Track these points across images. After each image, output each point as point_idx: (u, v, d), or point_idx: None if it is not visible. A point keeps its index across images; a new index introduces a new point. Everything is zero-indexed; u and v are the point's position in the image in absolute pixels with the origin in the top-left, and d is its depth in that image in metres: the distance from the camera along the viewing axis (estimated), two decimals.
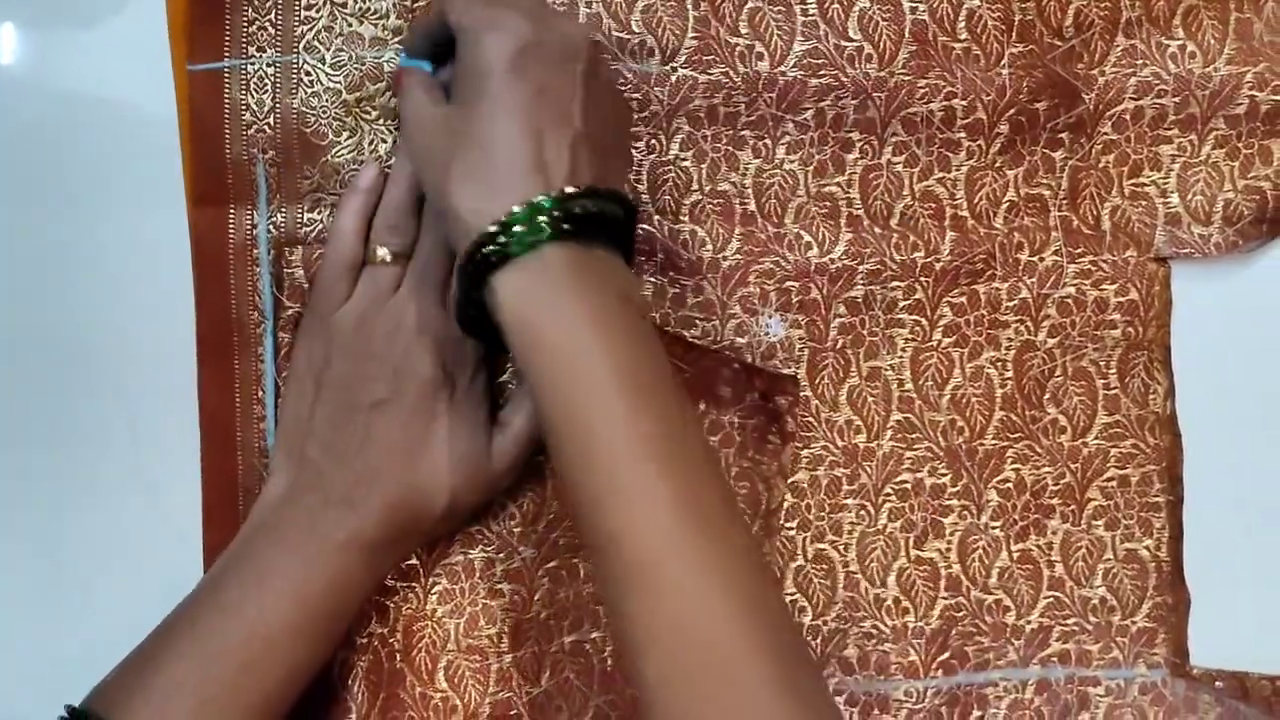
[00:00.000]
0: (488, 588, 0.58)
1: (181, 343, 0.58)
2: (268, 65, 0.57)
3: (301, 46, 0.58)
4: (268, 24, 0.57)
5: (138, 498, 0.59)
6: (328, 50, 0.58)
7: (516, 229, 0.44)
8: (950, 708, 0.61)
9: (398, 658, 0.56)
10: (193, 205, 0.58)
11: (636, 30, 0.58)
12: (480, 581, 0.58)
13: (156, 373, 0.59)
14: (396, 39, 0.58)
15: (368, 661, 0.56)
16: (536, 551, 0.59)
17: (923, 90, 0.59)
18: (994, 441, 0.61)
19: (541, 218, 0.44)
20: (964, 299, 0.60)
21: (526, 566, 0.58)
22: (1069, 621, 0.61)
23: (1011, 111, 0.59)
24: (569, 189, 0.45)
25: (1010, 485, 0.61)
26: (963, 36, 0.59)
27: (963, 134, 0.59)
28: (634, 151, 0.59)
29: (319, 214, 0.58)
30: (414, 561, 0.57)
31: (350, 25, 0.58)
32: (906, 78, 0.59)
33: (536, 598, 0.58)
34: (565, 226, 0.44)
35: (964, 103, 0.59)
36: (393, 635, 0.56)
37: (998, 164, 0.60)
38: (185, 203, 0.58)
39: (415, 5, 0.58)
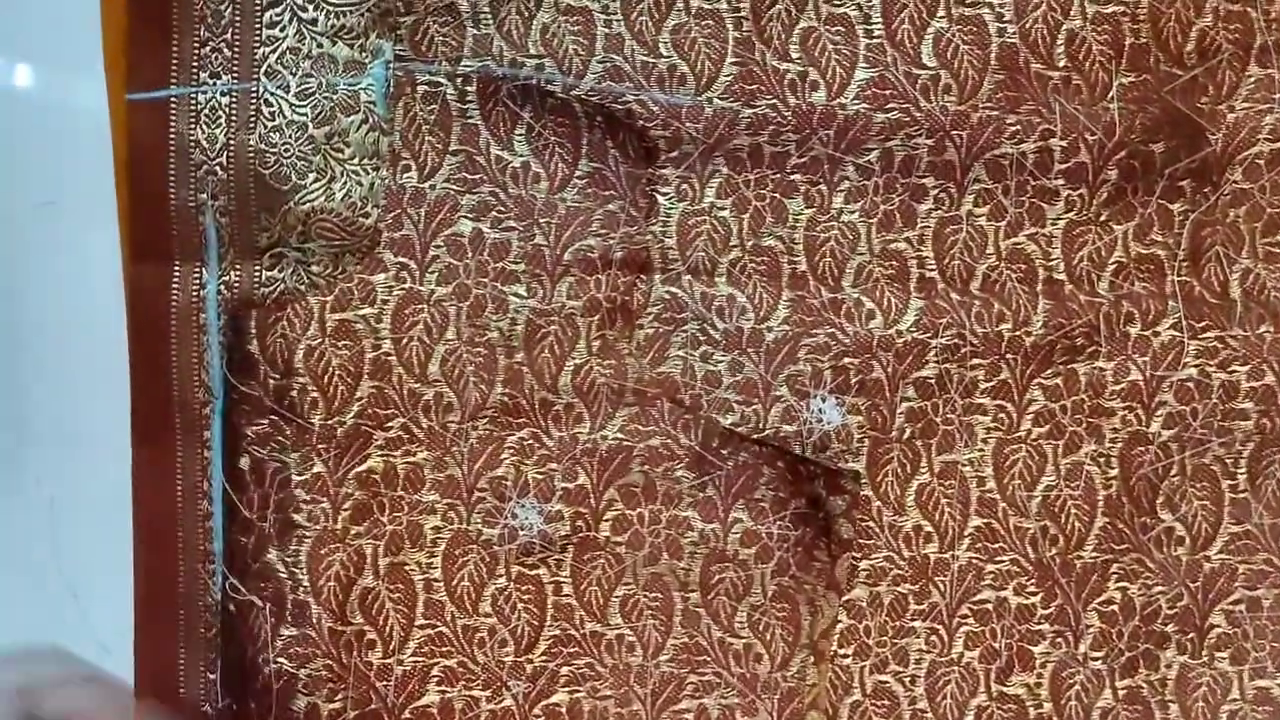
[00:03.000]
0: None
1: (114, 423, 0.51)
2: (221, 94, 0.50)
3: (262, 72, 0.50)
4: (223, 45, 0.50)
5: (57, 602, 0.52)
6: (293, 76, 0.50)
7: None
8: None
9: None
10: (130, 260, 0.51)
11: (665, 53, 0.50)
12: None
13: (82, 456, 0.52)
14: (376, 63, 0.49)
15: None
16: (531, 686, 0.51)
17: (1013, 128, 0.51)
18: (1095, 554, 0.52)
19: None
20: (1059, 381, 0.52)
21: (518, 705, 0.51)
22: None
23: (1121, 154, 0.51)
24: None
25: (1115, 608, 0.52)
26: (1061, 63, 0.51)
27: (1061, 181, 0.51)
28: (662, 199, 0.51)
29: (280, 272, 0.50)
30: (375, 706, 0.48)
31: (321, 46, 0.50)
32: (993, 113, 0.51)
33: None
34: None
35: (1063, 143, 0.51)
36: None
37: (1103, 217, 0.52)
38: (121, 258, 0.51)
39: (400, 21, 0.49)
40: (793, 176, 0.51)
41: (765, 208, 0.51)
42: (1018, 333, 0.52)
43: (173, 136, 0.49)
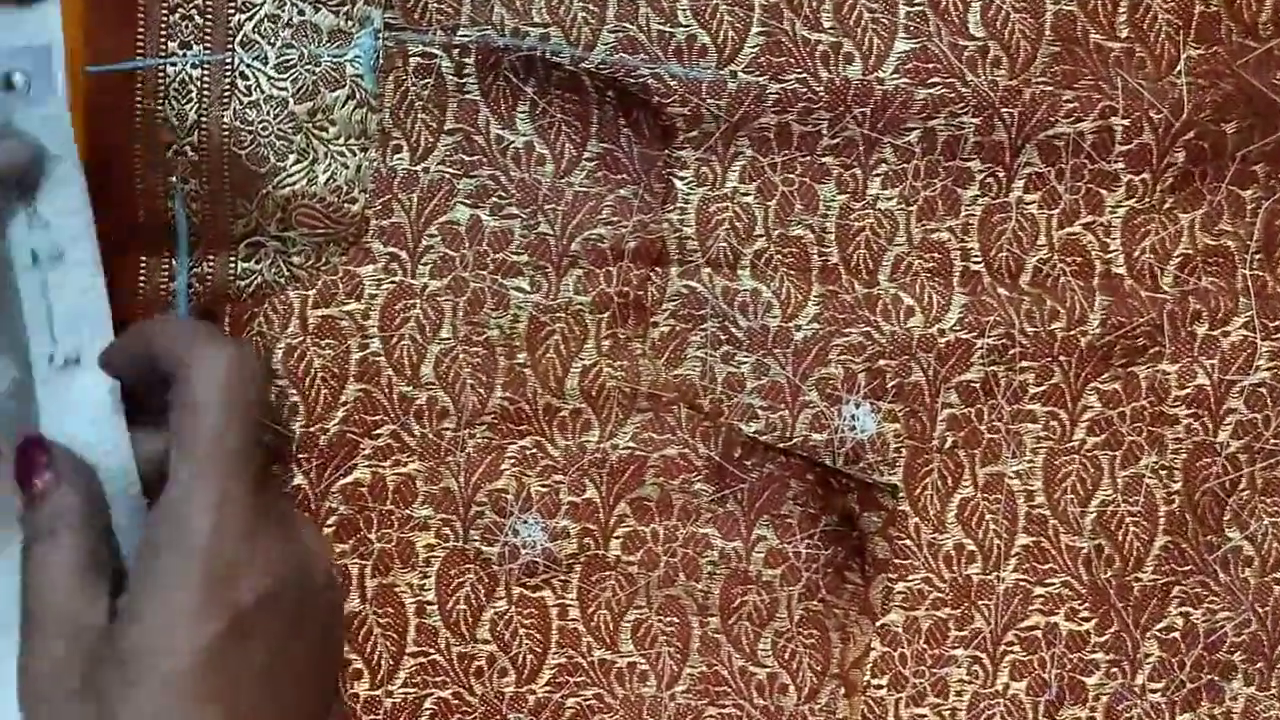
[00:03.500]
0: None
1: None
2: (192, 66, 0.45)
3: (238, 42, 0.45)
4: (194, 11, 0.45)
5: None
6: (272, 46, 0.45)
7: None
8: None
9: None
10: None
11: (684, 21, 0.45)
12: None
13: None
14: (364, 32, 0.45)
15: None
16: (534, 719, 0.46)
17: (1069, 105, 0.46)
18: (1155, 576, 0.48)
19: None
20: (1118, 385, 0.47)
21: None
22: None
23: (1190, 135, 0.46)
24: None
25: (1176, 635, 0.48)
26: (1124, 34, 0.46)
27: (1121, 164, 0.46)
28: (679, 183, 0.46)
29: (257, 264, 0.45)
30: None
31: (302, 13, 0.45)
32: (1047, 88, 0.46)
33: None
34: None
35: (1125, 122, 0.46)
36: None
37: (1168, 205, 0.47)
38: None
39: None
40: (824, 159, 0.46)
41: (794, 193, 0.46)
42: (1072, 332, 0.47)
43: (138, 113, 0.44)
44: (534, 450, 0.46)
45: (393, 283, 0.45)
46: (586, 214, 0.46)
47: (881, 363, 0.46)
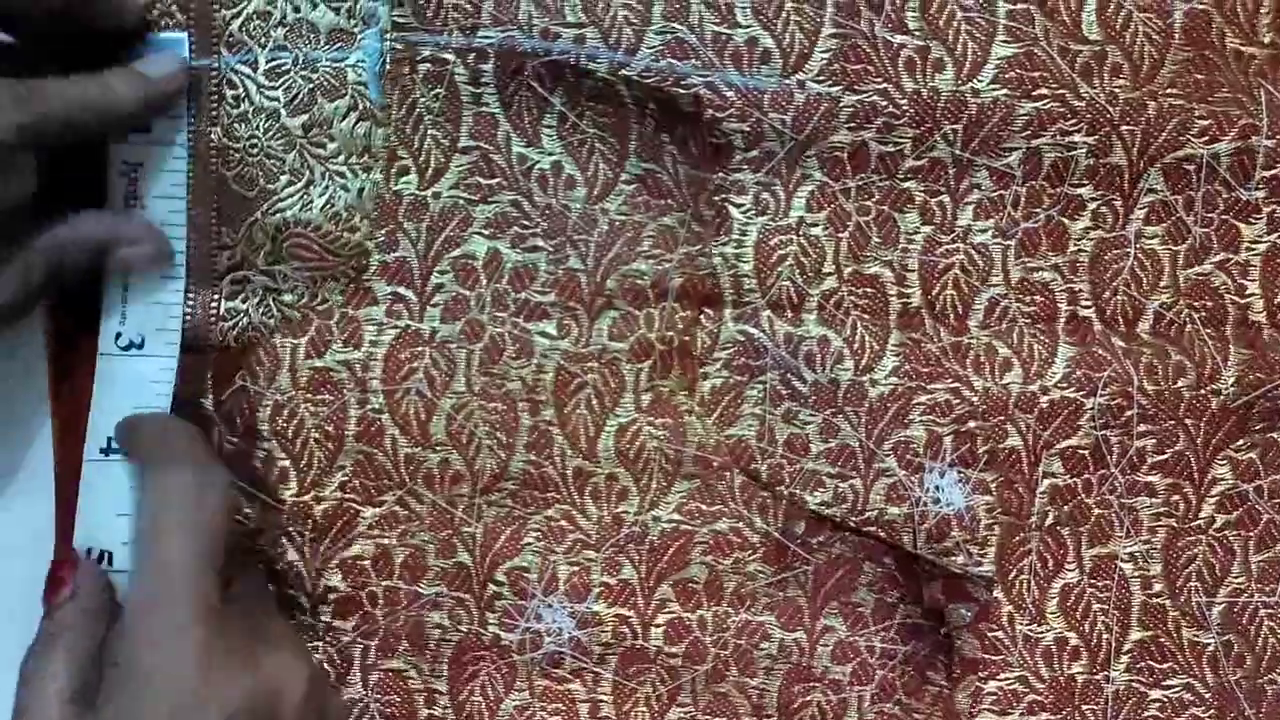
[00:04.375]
0: None
1: (35, 490, 0.41)
2: None
3: (223, 43, 0.40)
4: (174, 8, 0.40)
5: None
6: (262, 49, 0.39)
7: None
8: None
9: None
10: None
11: (744, 22, 0.40)
12: None
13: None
14: (369, 32, 0.39)
15: None
16: None
17: (1202, 122, 0.40)
18: None
19: None
20: (1255, 454, 0.41)
21: None
22: None
23: None
24: None
25: None
26: (1268, 39, 0.40)
27: (1263, 192, 0.41)
28: (735, 210, 0.40)
29: (243, 303, 0.40)
30: None
31: (298, 10, 0.40)
32: (1176, 102, 0.40)
33: None
34: None
35: (1269, 143, 0.40)
36: None
37: None
38: None
39: None
40: (907, 184, 0.40)
41: (870, 224, 0.40)
42: (1202, 391, 0.40)
43: None
44: (561, 522, 0.41)
45: (397, 327, 0.40)
46: (623, 246, 0.40)
47: (972, 424, 0.40)
